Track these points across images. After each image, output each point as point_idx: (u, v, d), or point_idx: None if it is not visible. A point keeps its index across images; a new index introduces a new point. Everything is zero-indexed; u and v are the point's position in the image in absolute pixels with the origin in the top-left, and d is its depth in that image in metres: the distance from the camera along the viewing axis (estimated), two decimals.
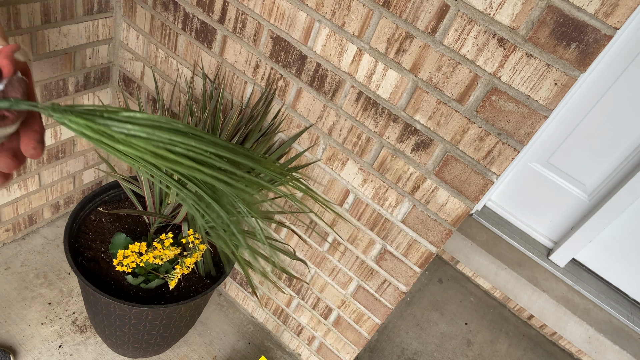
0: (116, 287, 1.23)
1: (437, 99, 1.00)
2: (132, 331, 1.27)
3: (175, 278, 1.18)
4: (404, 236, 1.19)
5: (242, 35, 1.23)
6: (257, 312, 1.72)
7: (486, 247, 2.24)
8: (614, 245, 2.15)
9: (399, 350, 1.91)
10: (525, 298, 2.21)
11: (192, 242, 1.20)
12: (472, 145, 1.00)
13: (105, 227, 1.35)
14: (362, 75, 1.08)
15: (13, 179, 1.50)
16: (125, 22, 1.48)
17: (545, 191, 2.22)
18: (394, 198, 1.16)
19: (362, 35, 1.04)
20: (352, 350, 1.49)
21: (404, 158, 1.11)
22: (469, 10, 0.90)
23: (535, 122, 0.92)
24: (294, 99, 1.22)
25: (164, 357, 1.53)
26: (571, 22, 0.82)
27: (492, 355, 2.06)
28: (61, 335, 1.49)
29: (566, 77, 0.86)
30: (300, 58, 1.16)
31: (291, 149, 1.29)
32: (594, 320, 2.11)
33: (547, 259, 2.28)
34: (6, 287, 1.55)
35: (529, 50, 0.87)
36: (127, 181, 1.32)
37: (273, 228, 1.47)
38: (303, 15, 1.10)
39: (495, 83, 0.93)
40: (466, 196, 1.06)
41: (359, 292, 1.36)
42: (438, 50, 0.96)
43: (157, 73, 1.50)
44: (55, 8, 1.28)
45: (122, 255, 1.13)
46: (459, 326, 2.12)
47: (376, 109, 1.10)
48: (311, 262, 1.42)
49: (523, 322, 2.28)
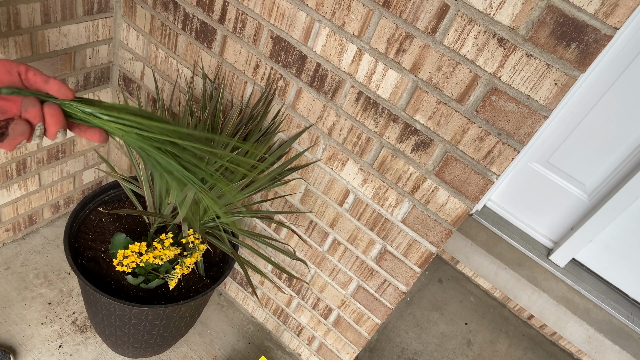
0: (116, 287, 1.23)
1: (437, 99, 1.00)
2: (132, 331, 1.27)
3: (175, 278, 1.18)
4: (404, 236, 1.19)
5: (242, 35, 1.23)
6: (257, 312, 1.72)
7: (486, 247, 2.24)
8: (614, 245, 2.15)
9: (399, 350, 1.91)
10: (525, 298, 2.21)
11: (192, 242, 1.20)
12: (472, 145, 1.00)
13: (105, 227, 1.35)
14: (362, 75, 1.08)
15: (13, 179, 1.50)
16: (125, 22, 1.48)
17: (545, 191, 2.22)
18: (394, 198, 1.16)
19: (362, 35, 1.04)
20: (352, 350, 1.49)
21: (404, 158, 1.11)
22: (469, 10, 0.90)
23: (535, 122, 0.92)
24: (294, 99, 1.22)
25: (164, 357, 1.53)
26: (571, 22, 0.82)
27: (492, 355, 2.06)
28: (61, 335, 1.49)
29: (566, 77, 0.86)
30: (300, 58, 1.16)
31: (291, 149, 1.29)
32: (594, 320, 2.11)
33: (547, 259, 2.28)
34: (6, 287, 1.55)
35: (529, 50, 0.87)
36: (127, 181, 1.32)
37: (273, 228, 1.47)
38: (303, 15, 1.10)
39: (495, 83, 0.93)
40: (466, 196, 1.06)
41: (359, 292, 1.36)
42: (438, 50, 0.96)
43: (157, 73, 1.50)
44: (55, 8, 1.28)
45: (122, 255, 1.13)
46: (459, 326, 2.12)
47: (376, 109, 1.10)
48: (311, 262, 1.42)
49: (523, 322, 2.28)
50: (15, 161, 1.47)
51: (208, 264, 1.39)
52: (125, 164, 1.80)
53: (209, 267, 1.38)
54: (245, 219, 1.52)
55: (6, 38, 1.21)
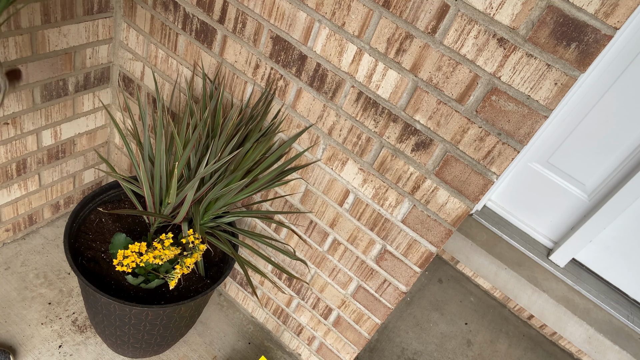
0: (116, 287, 1.23)
1: (437, 99, 1.00)
2: (132, 331, 1.27)
3: (175, 278, 1.18)
4: (404, 236, 1.19)
5: (242, 35, 1.23)
6: (257, 312, 1.72)
7: (486, 247, 2.24)
8: (614, 245, 2.15)
9: (399, 350, 1.91)
10: (525, 298, 2.21)
11: (192, 242, 1.20)
12: (472, 145, 1.00)
13: (105, 227, 1.35)
14: (362, 75, 1.08)
15: (13, 179, 1.50)
16: (125, 22, 1.48)
17: (545, 191, 2.22)
18: (394, 198, 1.16)
19: (362, 35, 1.04)
20: (352, 350, 1.49)
21: (404, 158, 1.11)
22: (469, 10, 0.90)
23: (535, 122, 0.92)
24: (294, 99, 1.22)
25: (164, 357, 1.53)
26: (571, 22, 0.82)
27: (492, 355, 2.06)
28: (61, 335, 1.49)
29: (566, 77, 0.86)
30: (300, 58, 1.16)
31: (291, 149, 1.29)
32: (594, 320, 2.11)
33: (547, 259, 2.28)
34: (6, 287, 1.55)
35: (529, 50, 0.87)
36: (127, 181, 1.32)
37: (273, 228, 1.47)
38: (303, 15, 1.10)
39: (495, 83, 0.93)
40: (466, 196, 1.06)
41: (359, 292, 1.36)
42: (438, 50, 0.96)
43: (157, 73, 1.50)
44: (55, 8, 1.28)
45: (122, 255, 1.13)
46: (459, 326, 2.12)
47: (376, 109, 1.10)
48: (311, 262, 1.42)
49: (523, 322, 2.28)
50: (15, 161, 1.47)
51: (208, 264, 1.39)
52: (126, 164, 1.80)
53: (209, 267, 1.38)
54: (246, 219, 1.52)
55: (6, 38, 1.21)
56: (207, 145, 1.20)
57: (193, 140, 1.10)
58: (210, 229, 1.28)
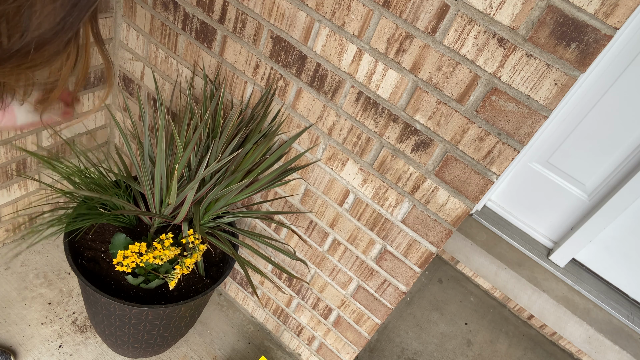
0: (116, 287, 1.23)
1: (437, 99, 1.00)
2: (132, 331, 1.27)
3: (175, 278, 1.18)
4: (404, 236, 1.19)
5: (242, 35, 1.23)
6: (257, 312, 1.72)
7: (486, 247, 2.24)
8: (614, 245, 2.15)
9: (399, 350, 1.91)
10: (525, 298, 2.21)
11: (192, 242, 1.20)
12: (472, 145, 1.00)
13: (105, 227, 1.35)
14: (362, 75, 1.08)
15: (13, 179, 1.50)
16: (125, 22, 1.48)
17: (545, 191, 2.22)
18: (394, 198, 1.16)
19: (362, 35, 1.04)
20: (352, 350, 1.49)
21: (404, 158, 1.11)
22: (469, 10, 0.90)
23: (535, 122, 0.92)
24: (294, 99, 1.22)
25: (164, 357, 1.53)
26: (571, 22, 0.82)
27: (492, 355, 2.06)
28: (61, 335, 1.49)
29: (566, 77, 0.86)
30: (300, 58, 1.16)
31: (291, 149, 1.29)
32: (594, 320, 2.11)
33: (547, 259, 2.28)
34: (6, 287, 1.55)
35: (529, 50, 0.87)
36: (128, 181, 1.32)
37: (273, 228, 1.47)
38: (303, 15, 1.10)
39: (495, 83, 0.93)
40: (466, 196, 1.06)
41: (359, 292, 1.36)
42: (438, 50, 0.96)
43: (157, 73, 1.50)
44: None
45: (122, 255, 1.13)
46: (459, 326, 2.12)
47: (376, 109, 1.10)
48: (311, 262, 1.42)
49: (523, 322, 2.28)
50: (15, 161, 1.47)
51: (208, 264, 1.39)
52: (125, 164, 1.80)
53: (209, 267, 1.38)
54: (246, 219, 1.52)
55: None
56: (208, 145, 1.20)
57: (194, 141, 1.10)
58: (210, 229, 1.28)
